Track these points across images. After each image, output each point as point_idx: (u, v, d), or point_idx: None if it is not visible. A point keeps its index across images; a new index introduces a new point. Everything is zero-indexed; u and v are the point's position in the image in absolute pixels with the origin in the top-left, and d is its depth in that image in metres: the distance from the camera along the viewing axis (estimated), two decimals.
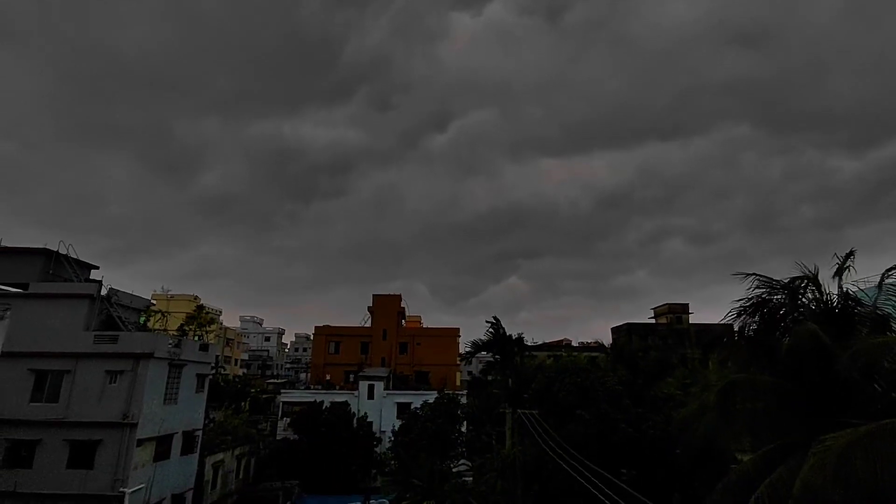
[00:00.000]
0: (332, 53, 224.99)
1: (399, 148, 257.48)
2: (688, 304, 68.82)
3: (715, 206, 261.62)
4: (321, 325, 60.27)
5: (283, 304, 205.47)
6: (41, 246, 28.43)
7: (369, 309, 60.89)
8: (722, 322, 11.58)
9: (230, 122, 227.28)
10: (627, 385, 29.21)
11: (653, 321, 71.23)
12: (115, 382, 26.32)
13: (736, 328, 11.23)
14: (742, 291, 11.40)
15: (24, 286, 27.90)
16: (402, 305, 61.53)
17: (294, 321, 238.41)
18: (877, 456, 6.64)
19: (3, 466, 24.81)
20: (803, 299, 11.11)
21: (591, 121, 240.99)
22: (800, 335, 9.21)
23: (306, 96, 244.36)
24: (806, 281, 10.99)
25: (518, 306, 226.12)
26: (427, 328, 66.40)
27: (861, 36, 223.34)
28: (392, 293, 61.70)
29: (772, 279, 11.24)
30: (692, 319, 67.55)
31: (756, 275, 11.31)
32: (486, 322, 33.60)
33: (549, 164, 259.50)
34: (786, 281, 11.12)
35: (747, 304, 11.20)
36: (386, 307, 60.02)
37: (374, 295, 60.80)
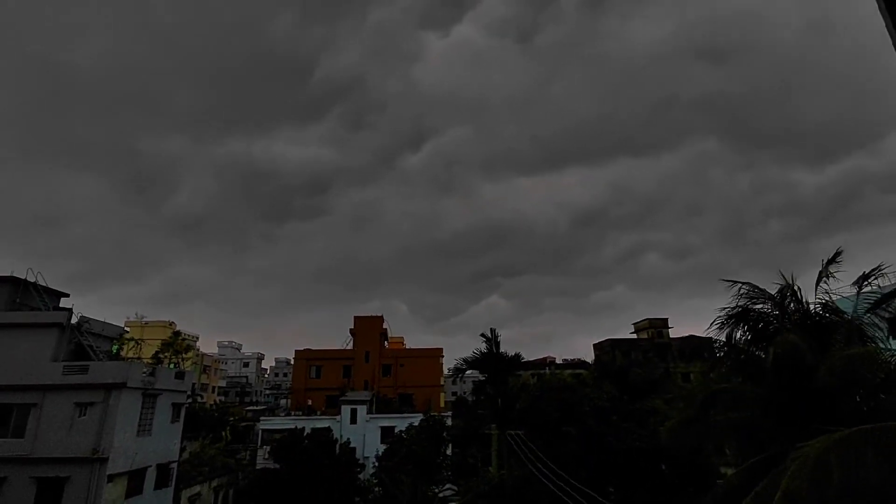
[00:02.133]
0: (303, 72, 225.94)
1: (375, 167, 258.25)
2: (667, 319, 69.62)
3: (689, 221, 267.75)
4: (301, 348, 59.14)
5: (259, 327, 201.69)
6: (7, 273, 27.44)
7: (351, 331, 60.03)
8: (704, 333, 11.58)
9: (199, 141, 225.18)
10: (614, 401, 29.14)
11: (634, 336, 71.76)
12: (84, 415, 25.22)
13: (719, 338, 11.22)
14: (721, 303, 11.47)
15: None
16: (384, 327, 60.86)
17: (271, 344, 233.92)
18: (850, 459, 6.72)
19: None
20: (789, 309, 11.19)
21: (564, 138, 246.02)
22: (781, 346, 9.26)
23: (277, 115, 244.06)
24: (788, 291, 11.10)
25: (500, 324, 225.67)
26: (410, 349, 65.68)
27: (820, 54, 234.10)
28: (373, 314, 61.03)
29: (760, 288, 11.25)
30: (672, 333, 68.28)
31: (745, 283, 11.33)
32: (482, 336, 32.97)
33: (524, 183, 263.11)
34: (772, 291, 11.15)
35: (731, 314, 11.21)
36: (368, 329, 59.24)
37: (355, 317, 60.05)
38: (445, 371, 60.59)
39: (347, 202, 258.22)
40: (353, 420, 46.70)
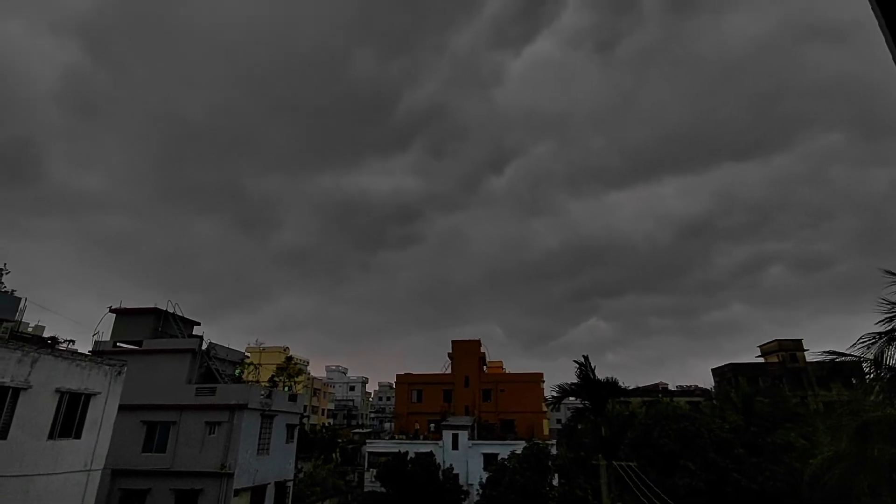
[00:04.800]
0: (386, 105, 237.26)
1: (460, 193, 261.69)
2: (801, 340, 61.52)
3: (815, 226, 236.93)
4: (401, 372, 60.55)
5: (360, 352, 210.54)
6: (151, 306, 31.42)
7: (449, 355, 60.41)
8: (849, 352, 9.81)
9: (294, 178, 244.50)
10: (738, 432, 26.15)
11: (761, 360, 64.35)
12: (213, 433, 27.75)
13: (868, 357, 9.44)
14: (868, 318, 9.79)
15: (139, 343, 30.75)
16: (482, 351, 60.51)
17: (373, 368, 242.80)
18: None
19: None
20: None
21: (656, 147, 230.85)
22: None
23: (364, 149, 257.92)
24: None
25: (603, 348, 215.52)
26: (510, 374, 64.45)
27: None
28: (470, 338, 60.93)
29: None
30: (808, 357, 60.12)
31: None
32: (575, 362, 31.69)
33: (616, 197, 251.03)
34: None
35: (885, 329, 9.44)
36: (466, 353, 59.23)
37: (453, 341, 60.34)
38: (547, 396, 58.56)
39: (436, 229, 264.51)
40: (455, 446, 46.51)
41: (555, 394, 34.07)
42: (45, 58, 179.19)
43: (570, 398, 34.20)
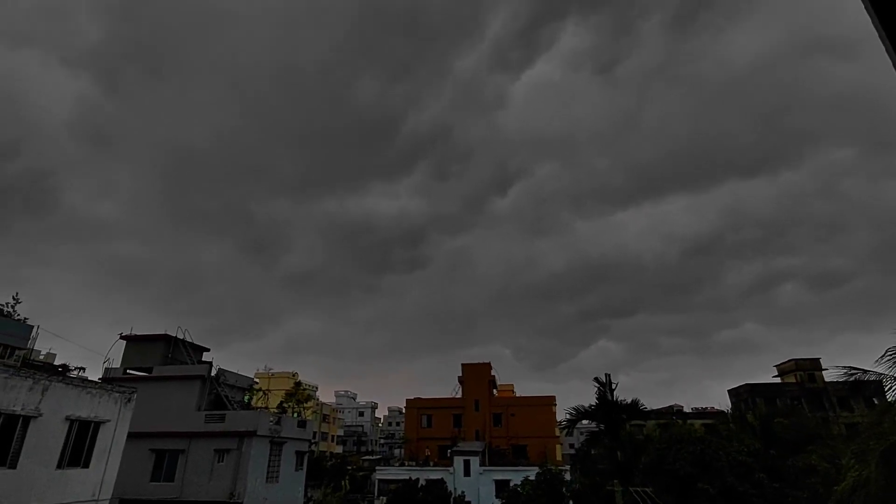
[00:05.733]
0: (391, 129, 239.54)
1: (465, 214, 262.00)
2: (819, 359, 60.20)
3: (829, 241, 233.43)
4: (410, 396, 59.83)
5: (367, 375, 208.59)
6: (161, 332, 31.48)
7: (459, 379, 59.67)
8: (872, 369, 9.60)
9: (300, 202, 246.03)
10: (757, 456, 25.43)
11: (778, 380, 62.99)
12: (222, 461, 27.43)
13: (892, 375, 9.22)
14: (889, 336, 9.55)
15: (149, 370, 30.71)
16: (492, 374, 59.75)
17: (380, 392, 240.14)
18: None
19: None
20: None
21: (660, 165, 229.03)
22: None
23: (369, 172, 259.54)
24: None
25: (614, 369, 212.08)
26: (521, 397, 63.46)
27: None
28: (480, 361, 60.21)
29: None
30: (826, 377, 58.74)
31: None
32: (595, 380, 31.11)
33: (622, 217, 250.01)
34: None
35: None
36: (476, 376, 58.46)
37: (463, 364, 59.60)
38: (559, 419, 57.52)
39: (441, 251, 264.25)
40: (467, 472, 45.58)
41: (569, 416, 33.36)
42: (59, 89, 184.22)
43: (584, 421, 33.50)
